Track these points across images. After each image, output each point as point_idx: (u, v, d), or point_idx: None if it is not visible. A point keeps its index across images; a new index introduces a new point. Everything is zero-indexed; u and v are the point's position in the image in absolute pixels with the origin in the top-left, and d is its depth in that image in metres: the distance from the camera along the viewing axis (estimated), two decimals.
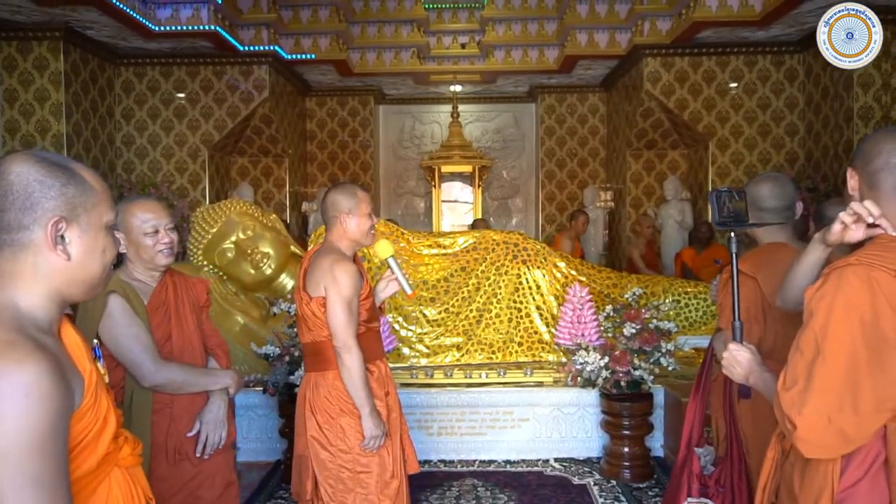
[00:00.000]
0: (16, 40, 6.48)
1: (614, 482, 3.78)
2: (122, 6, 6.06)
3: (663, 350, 3.84)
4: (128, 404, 2.10)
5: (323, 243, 2.47)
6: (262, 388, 3.92)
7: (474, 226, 7.50)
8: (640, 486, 3.74)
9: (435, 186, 9.47)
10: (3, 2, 5.80)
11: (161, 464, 2.11)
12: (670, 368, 3.87)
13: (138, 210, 2.14)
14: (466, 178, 9.75)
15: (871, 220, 1.42)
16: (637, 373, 3.77)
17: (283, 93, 8.34)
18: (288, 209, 8.71)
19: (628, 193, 8.53)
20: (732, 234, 1.69)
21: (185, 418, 2.16)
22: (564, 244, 6.92)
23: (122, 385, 2.11)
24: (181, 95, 7.76)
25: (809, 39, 7.07)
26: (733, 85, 7.52)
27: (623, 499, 3.58)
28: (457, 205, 10.11)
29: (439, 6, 8.58)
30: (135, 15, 6.32)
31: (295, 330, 3.87)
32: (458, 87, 9.39)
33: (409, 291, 2.50)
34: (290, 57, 7.94)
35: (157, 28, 6.68)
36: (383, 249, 2.50)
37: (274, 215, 5.53)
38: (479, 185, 9.57)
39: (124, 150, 7.73)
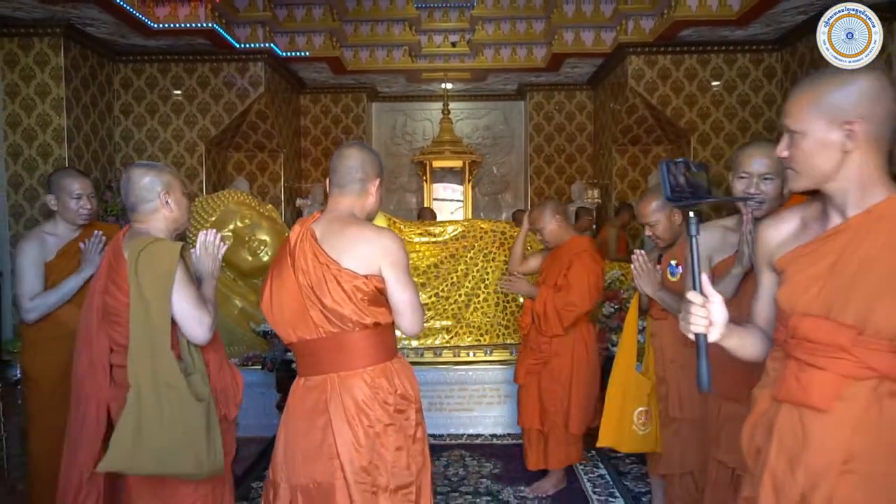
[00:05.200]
0: (17, 36, 6.66)
1: (594, 451, 4.01)
2: (122, 3, 6.25)
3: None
4: (193, 360, 2.12)
5: (331, 210, 2.06)
6: (261, 365, 4.13)
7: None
8: (617, 455, 3.97)
9: (426, 181, 9.69)
10: None
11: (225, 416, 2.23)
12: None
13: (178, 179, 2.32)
14: (457, 174, 9.97)
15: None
16: (615, 349, 4.00)
17: (277, 89, 8.54)
18: (283, 203, 8.91)
19: (614, 188, 8.79)
20: (692, 213, 1.49)
21: (215, 377, 2.19)
22: (610, 233, 7.39)
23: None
24: (178, 92, 7.94)
25: (786, 38, 7.35)
26: (716, 83, 7.78)
27: (601, 466, 3.82)
28: (444, 203, 10.32)
29: (430, 5, 8.80)
30: (134, 12, 6.50)
31: None
32: (448, 85, 9.61)
33: None
34: (284, 54, 8.14)
35: (155, 25, 6.87)
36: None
37: (270, 205, 5.74)
38: (469, 181, 9.80)
39: (123, 144, 7.90)
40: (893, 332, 1.29)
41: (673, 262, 2.75)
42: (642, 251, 2.76)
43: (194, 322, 2.06)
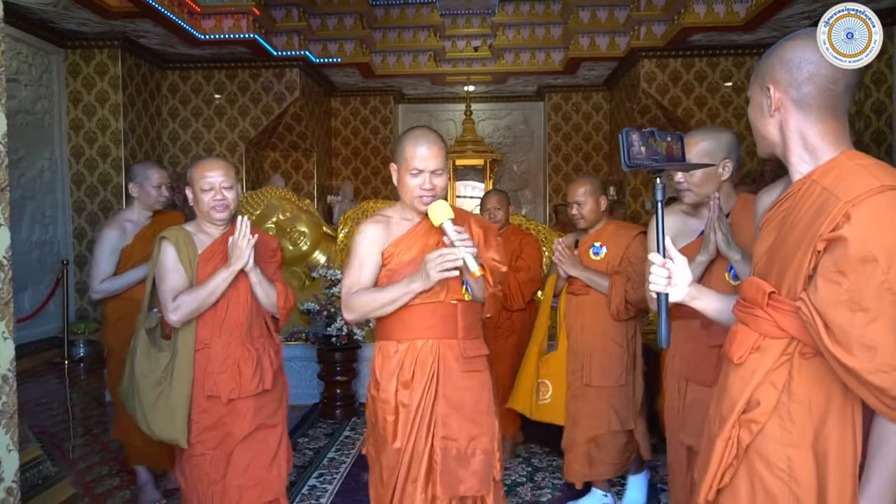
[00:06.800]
0: (80, 49, 7.35)
1: None
2: (173, 17, 6.89)
3: None
4: (174, 341, 2.36)
5: None
6: (304, 339, 4.71)
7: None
8: None
9: (450, 179, 10.23)
10: (72, 16, 6.66)
11: (200, 397, 2.32)
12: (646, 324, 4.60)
13: (200, 168, 2.37)
14: (479, 172, 10.49)
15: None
16: None
17: (311, 93, 9.15)
18: (315, 199, 9.52)
19: (628, 184, 9.22)
20: (658, 179, 1.54)
21: (219, 358, 2.33)
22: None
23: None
24: (218, 96, 8.59)
25: None
26: (728, 84, 8.17)
27: None
28: (467, 200, 10.85)
29: (454, 13, 9.33)
30: (184, 25, 7.15)
31: (331, 291, 4.65)
32: (471, 87, 10.12)
33: (473, 269, 1.87)
34: (318, 60, 8.74)
35: (202, 36, 7.51)
36: (436, 212, 1.94)
37: (308, 200, 6.33)
38: (490, 178, 10.31)
39: (170, 145, 8.58)
40: (795, 294, 1.29)
41: (597, 244, 3.04)
42: (561, 240, 3.08)
43: (164, 306, 2.30)
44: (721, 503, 1.39)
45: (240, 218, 2.30)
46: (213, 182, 2.32)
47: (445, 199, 2.04)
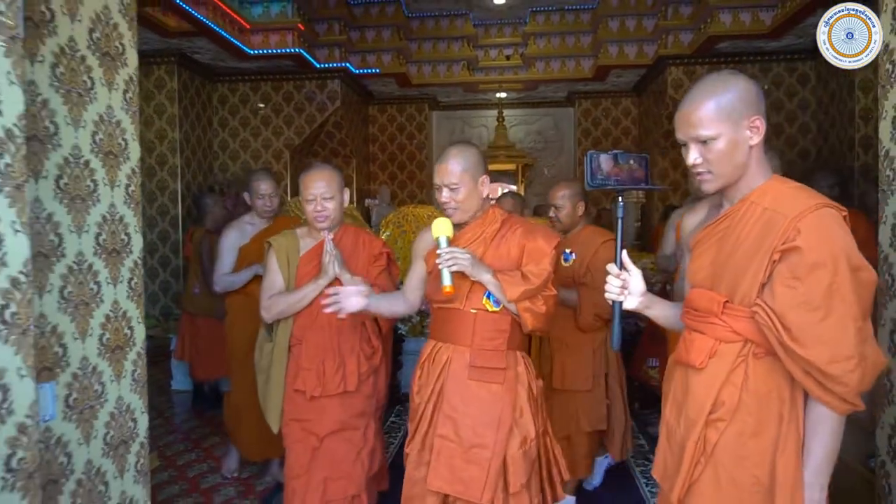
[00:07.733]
0: (141, 66, 7.86)
1: None
2: (226, 35, 7.40)
3: None
4: (275, 333, 2.53)
5: None
6: None
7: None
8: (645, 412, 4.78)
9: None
10: None
11: (290, 389, 2.46)
12: None
13: (306, 179, 2.48)
14: (511, 176, 10.83)
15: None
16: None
17: (351, 102, 9.61)
18: (354, 203, 9.96)
19: None
20: (620, 197, 1.67)
21: (308, 355, 2.42)
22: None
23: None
24: (262, 105, 9.11)
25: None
26: None
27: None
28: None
29: (487, 23, 9.69)
30: (235, 41, 7.65)
31: None
32: (503, 95, 10.46)
33: (444, 283, 2.03)
34: (357, 71, 9.19)
35: (251, 51, 8.01)
36: (433, 228, 2.14)
37: (351, 204, 6.76)
38: (522, 182, 10.64)
39: (220, 153, 9.13)
40: (750, 301, 1.44)
41: (567, 250, 3.10)
42: None
43: (261, 303, 2.50)
44: (687, 500, 1.52)
45: (325, 233, 2.42)
46: (315, 193, 2.40)
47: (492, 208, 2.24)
